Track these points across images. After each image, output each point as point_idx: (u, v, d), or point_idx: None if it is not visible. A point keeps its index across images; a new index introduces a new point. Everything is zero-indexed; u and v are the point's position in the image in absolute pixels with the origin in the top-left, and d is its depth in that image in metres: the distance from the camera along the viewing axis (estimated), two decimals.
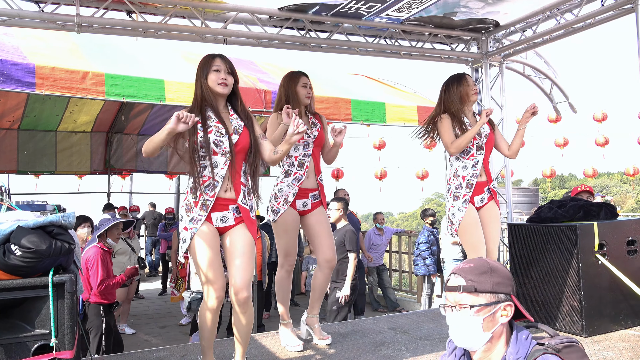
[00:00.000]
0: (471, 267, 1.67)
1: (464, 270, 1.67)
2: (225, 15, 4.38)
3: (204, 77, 2.89)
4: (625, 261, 3.96)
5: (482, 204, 3.76)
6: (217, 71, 2.88)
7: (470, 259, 1.71)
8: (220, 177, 2.80)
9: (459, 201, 3.66)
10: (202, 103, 2.87)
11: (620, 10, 4.11)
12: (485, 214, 3.77)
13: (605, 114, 12.90)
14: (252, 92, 5.53)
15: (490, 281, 1.63)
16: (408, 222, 38.99)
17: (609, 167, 46.85)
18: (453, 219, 3.68)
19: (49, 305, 2.17)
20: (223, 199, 2.82)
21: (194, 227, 2.77)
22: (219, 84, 2.86)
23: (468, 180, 3.67)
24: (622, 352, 3.39)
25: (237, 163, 2.85)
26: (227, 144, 2.81)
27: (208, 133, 2.79)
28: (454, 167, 3.75)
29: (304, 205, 3.56)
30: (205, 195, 2.78)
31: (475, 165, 3.68)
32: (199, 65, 2.96)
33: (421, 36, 5.09)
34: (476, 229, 3.68)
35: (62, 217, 2.35)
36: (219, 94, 2.89)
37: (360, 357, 3.42)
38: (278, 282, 3.74)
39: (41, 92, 4.48)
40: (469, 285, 1.64)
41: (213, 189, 2.79)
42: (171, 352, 3.59)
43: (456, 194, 3.68)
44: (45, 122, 9.03)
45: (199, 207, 2.78)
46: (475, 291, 1.62)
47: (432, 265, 7.54)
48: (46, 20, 3.94)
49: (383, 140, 11.26)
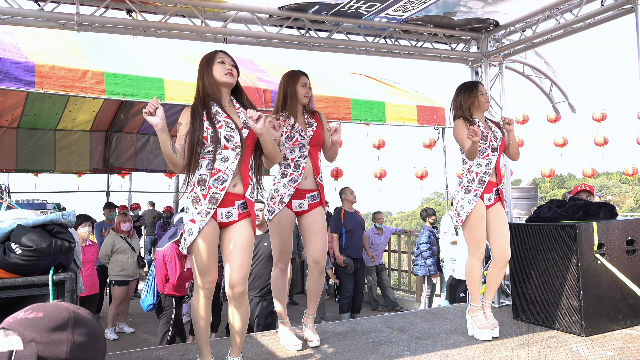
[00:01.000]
0: (39, 317, 1.04)
1: (22, 323, 1.02)
2: (225, 14, 4.38)
3: (209, 70, 2.92)
4: (624, 261, 3.97)
5: (490, 203, 3.84)
6: (222, 63, 2.93)
7: (41, 304, 1.10)
8: (230, 171, 2.84)
9: (470, 194, 3.75)
10: (205, 98, 2.89)
11: (620, 10, 4.12)
12: (493, 213, 3.84)
13: (604, 113, 12.90)
14: (252, 91, 5.54)
15: (68, 341, 1.01)
16: (407, 222, 39.02)
17: (608, 167, 46.92)
18: (461, 210, 3.76)
19: None
20: (232, 194, 2.86)
21: (202, 220, 2.79)
22: (225, 74, 2.90)
23: (481, 176, 3.77)
24: (621, 352, 3.39)
25: (246, 157, 2.90)
26: (237, 139, 2.85)
27: (218, 128, 2.82)
28: (467, 164, 3.86)
29: (301, 205, 3.57)
30: (214, 189, 2.81)
31: (488, 165, 3.80)
32: (201, 61, 2.99)
33: (421, 36, 5.09)
34: (482, 225, 3.76)
35: (62, 215, 2.35)
36: (226, 83, 2.93)
37: (359, 357, 3.43)
38: (273, 281, 3.75)
39: (40, 90, 4.48)
40: (29, 353, 0.96)
41: (222, 182, 2.82)
42: (170, 351, 3.60)
43: (468, 187, 3.78)
44: (45, 121, 9.03)
45: (207, 199, 2.81)
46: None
47: (432, 265, 7.55)
48: (46, 18, 3.93)
49: (382, 139, 11.25)
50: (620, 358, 3.27)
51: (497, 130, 3.89)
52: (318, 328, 3.93)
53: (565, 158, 16.09)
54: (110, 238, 6.60)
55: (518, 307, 4.34)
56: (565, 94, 5.88)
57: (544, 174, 14.02)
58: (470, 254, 3.85)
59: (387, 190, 12.40)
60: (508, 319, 4.34)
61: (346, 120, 6.14)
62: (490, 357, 3.36)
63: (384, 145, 11.32)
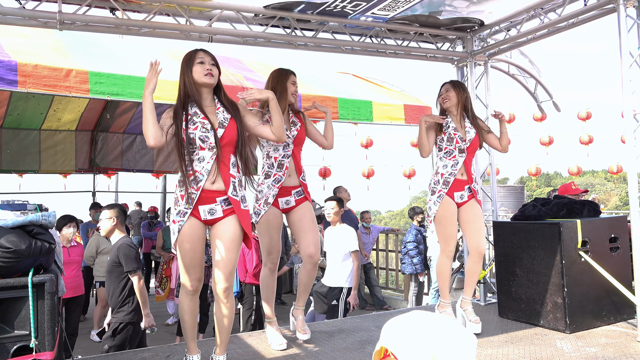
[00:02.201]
0: None
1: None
2: (210, 13, 4.36)
3: (189, 71, 2.94)
4: (607, 258, 4.01)
5: (462, 200, 3.91)
6: (202, 63, 2.94)
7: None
8: (205, 171, 2.87)
9: (434, 196, 3.91)
10: (185, 99, 2.91)
11: (603, 10, 4.15)
12: (467, 210, 3.92)
13: (589, 112, 13.02)
14: (239, 90, 5.50)
15: None
16: (395, 221, 39.12)
17: (594, 165, 47.43)
18: (429, 211, 3.95)
19: (28, 306, 2.15)
20: (210, 191, 2.88)
21: (181, 220, 2.85)
22: (205, 74, 2.91)
23: (445, 177, 3.89)
24: (604, 348, 3.43)
25: (224, 156, 2.92)
26: (212, 139, 2.87)
27: (194, 129, 2.86)
28: (436, 166, 4.01)
29: (287, 202, 3.58)
30: (191, 189, 2.85)
31: (454, 165, 3.90)
32: (182, 61, 3.00)
33: (407, 35, 5.10)
34: (450, 222, 3.88)
35: (42, 216, 2.32)
36: (206, 84, 2.95)
37: (346, 356, 3.43)
38: (262, 281, 3.77)
39: (24, 90, 4.41)
40: None
41: (198, 182, 2.86)
42: (156, 353, 3.57)
43: (433, 189, 3.94)
44: (29, 121, 8.90)
45: (184, 200, 2.85)
46: None
47: (419, 264, 7.57)
48: (27, 17, 3.88)
49: (370, 138, 11.26)
50: (604, 354, 3.30)
51: (471, 131, 3.95)
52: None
53: (551, 156, 16.24)
54: (95, 239, 6.53)
55: (503, 304, 4.37)
56: (550, 93, 5.93)
57: (531, 173, 14.15)
58: (440, 251, 3.99)
59: (376, 189, 12.42)
60: (494, 317, 4.37)
61: (333, 120, 6.11)
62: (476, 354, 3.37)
63: (371, 144, 11.33)
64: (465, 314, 3.93)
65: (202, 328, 6.21)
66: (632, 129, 3.76)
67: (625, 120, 3.78)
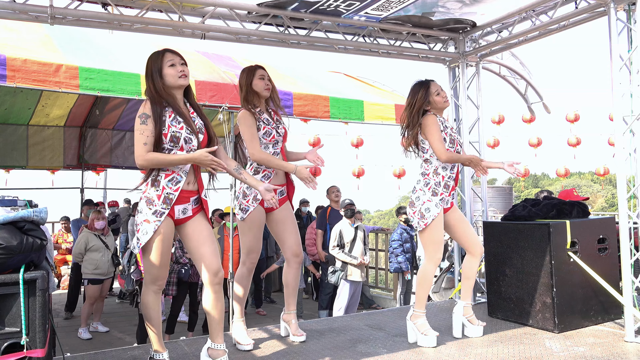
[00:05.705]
0: None
1: None
2: (203, 9, 4.33)
3: (158, 75, 2.88)
4: (596, 259, 4.06)
5: (448, 206, 3.77)
6: (173, 65, 2.89)
7: None
8: (184, 173, 2.89)
9: (436, 197, 3.67)
10: (160, 100, 2.87)
11: (594, 13, 4.19)
12: (455, 214, 3.81)
13: (577, 114, 13.16)
14: (230, 88, 5.49)
15: None
16: (385, 220, 39.21)
17: (581, 167, 47.85)
18: (427, 213, 3.63)
19: (19, 303, 2.12)
20: (186, 192, 2.91)
21: (157, 220, 2.82)
22: (179, 77, 2.88)
23: (447, 180, 3.73)
24: (592, 347, 3.47)
25: None
26: (195, 143, 2.89)
27: (180, 129, 2.85)
28: (433, 165, 3.74)
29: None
30: (168, 189, 2.84)
31: (452, 169, 3.77)
32: (148, 63, 2.93)
33: (399, 35, 5.11)
34: (441, 227, 3.71)
35: (33, 212, 2.30)
36: (182, 86, 2.93)
37: (337, 354, 3.43)
38: (238, 279, 3.70)
39: (12, 84, 4.37)
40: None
41: (177, 183, 2.87)
42: (145, 350, 3.55)
43: (435, 190, 3.69)
44: (17, 116, 8.80)
45: (161, 200, 2.83)
46: None
47: (404, 262, 7.59)
48: (18, 10, 3.83)
49: (361, 138, 11.29)
50: (592, 353, 3.34)
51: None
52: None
53: (540, 158, 16.33)
54: (84, 236, 6.48)
55: (493, 304, 4.41)
56: (540, 95, 5.99)
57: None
58: (428, 258, 3.70)
59: (366, 188, 12.46)
60: (483, 316, 4.40)
61: (325, 119, 6.14)
62: (466, 354, 3.40)
63: (362, 143, 11.36)
64: (470, 320, 3.81)
65: (192, 326, 6.19)
66: (622, 132, 3.80)
67: (615, 123, 3.82)
